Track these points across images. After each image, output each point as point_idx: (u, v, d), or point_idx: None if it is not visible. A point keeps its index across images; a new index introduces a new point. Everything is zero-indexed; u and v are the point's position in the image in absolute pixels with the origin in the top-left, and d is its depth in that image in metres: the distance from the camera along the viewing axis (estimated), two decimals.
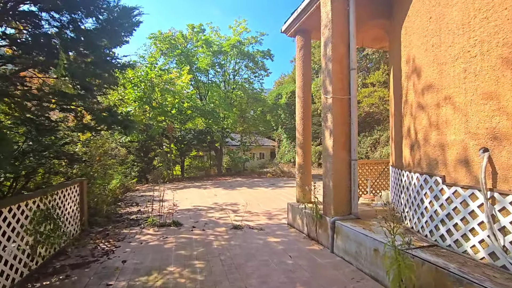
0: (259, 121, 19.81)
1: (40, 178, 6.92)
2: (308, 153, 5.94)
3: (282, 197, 9.08)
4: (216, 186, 12.29)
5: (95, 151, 9.13)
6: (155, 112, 13.37)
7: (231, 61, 18.73)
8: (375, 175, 6.82)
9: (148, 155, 15.03)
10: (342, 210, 4.30)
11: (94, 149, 9.16)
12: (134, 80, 12.96)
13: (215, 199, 8.90)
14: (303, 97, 5.93)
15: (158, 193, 8.95)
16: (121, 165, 12.30)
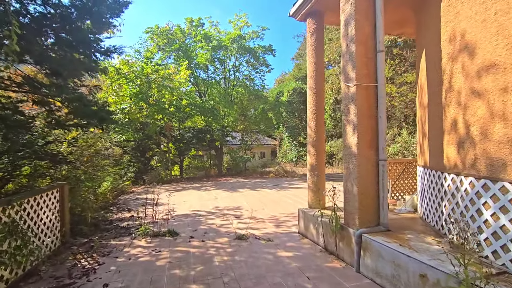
0: (260, 119, 19.07)
1: (26, 181, 6.23)
2: (321, 152, 5.22)
3: (289, 199, 8.37)
4: (217, 187, 11.58)
5: (85, 150, 8.42)
6: (152, 109, 12.65)
7: (232, 56, 18.00)
8: (393, 176, 6.12)
9: (145, 155, 14.32)
10: (369, 220, 3.59)
11: (84, 148, 8.45)
12: (130, 76, 12.22)
13: (216, 203, 8.19)
14: (315, 89, 5.20)
15: (154, 196, 8.28)
16: (115, 166, 11.60)
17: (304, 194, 9.17)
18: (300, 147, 29.83)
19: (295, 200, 8.21)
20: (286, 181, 13.51)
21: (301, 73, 40.44)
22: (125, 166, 13.70)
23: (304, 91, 30.01)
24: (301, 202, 7.81)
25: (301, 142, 29.61)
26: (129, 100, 12.23)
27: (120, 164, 11.98)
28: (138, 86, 12.10)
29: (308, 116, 5.34)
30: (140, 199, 9.25)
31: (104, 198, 7.40)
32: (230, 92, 17.46)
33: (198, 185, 12.48)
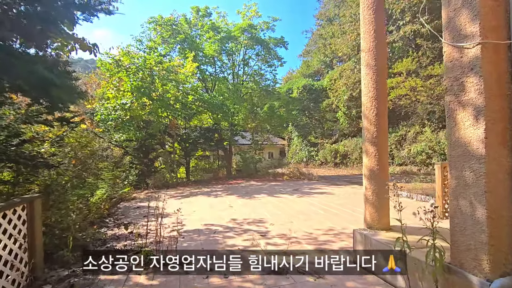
0: (271, 117, 17.69)
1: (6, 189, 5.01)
2: (384, 152, 3.88)
3: (318, 209, 7.00)
4: (229, 192, 10.24)
5: (79, 151, 7.15)
6: (155, 105, 11.37)
7: (241, 49, 16.66)
8: None
9: (149, 156, 13.05)
10: (504, 263, 2.22)
11: (78, 149, 7.19)
12: (131, 68, 10.96)
13: (232, 213, 6.85)
14: (376, 66, 3.84)
15: (158, 203, 7.01)
16: (115, 168, 10.34)
17: (333, 201, 7.80)
18: (311, 146, 28.41)
19: (326, 211, 6.84)
20: (305, 184, 12.13)
21: (310, 70, 39.04)
22: (127, 169, 12.45)
23: (314, 88, 28.60)
24: (336, 214, 6.44)
25: (312, 141, 28.20)
26: (130, 95, 10.96)
27: (120, 166, 10.71)
28: (140, 80, 10.83)
29: (364, 103, 3.98)
30: (143, 207, 7.95)
31: (98, 209, 6.10)
32: (239, 88, 16.14)
33: (207, 190, 11.16)
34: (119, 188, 8.89)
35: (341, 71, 23.14)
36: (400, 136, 19.71)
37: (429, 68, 15.85)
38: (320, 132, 28.28)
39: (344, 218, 6.02)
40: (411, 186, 9.98)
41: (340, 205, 7.46)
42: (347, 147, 23.94)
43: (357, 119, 23.68)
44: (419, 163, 17.78)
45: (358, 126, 23.43)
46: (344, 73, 22.46)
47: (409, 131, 19.34)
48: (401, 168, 18.50)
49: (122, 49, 10.99)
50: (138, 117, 11.21)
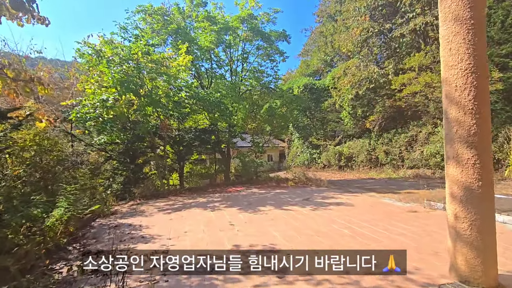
0: (272, 117, 16.20)
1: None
2: (489, 159, 2.39)
3: (342, 227, 5.52)
4: (228, 203, 8.73)
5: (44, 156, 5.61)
6: (143, 102, 9.84)
7: (239, 44, 15.22)
8: None
9: (136, 161, 11.48)
10: None
11: (40, 153, 5.64)
12: (114, 60, 9.43)
13: (234, 235, 5.34)
14: (471, 19, 2.39)
15: (142, 220, 5.56)
16: (94, 177, 8.78)
17: (356, 216, 6.32)
18: (313, 148, 26.98)
19: (353, 231, 5.37)
20: (314, 192, 10.66)
21: (309, 69, 37.74)
22: (110, 176, 10.88)
23: (316, 88, 27.23)
24: (369, 237, 4.96)
25: (314, 143, 26.78)
26: (113, 91, 9.43)
27: (98, 174, 9.14)
28: (123, 73, 9.31)
29: (447, 80, 2.53)
30: (122, 226, 6.41)
31: (54, 235, 4.56)
32: (238, 85, 14.67)
33: (203, 200, 9.63)
34: (94, 201, 7.33)
35: (345, 68, 21.81)
36: (411, 137, 18.37)
37: None
38: (322, 134, 26.88)
39: (385, 245, 4.55)
40: None
41: (366, 221, 6.00)
42: (352, 149, 22.57)
43: (362, 119, 22.34)
44: (433, 166, 16.44)
45: (364, 126, 22.09)
46: (348, 71, 21.13)
47: (420, 131, 18.01)
48: (413, 171, 17.13)
49: (104, 38, 9.50)
50: (122, 116, 9.67)
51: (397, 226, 5.60)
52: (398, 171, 18.09)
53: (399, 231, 5.26)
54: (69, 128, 10.74)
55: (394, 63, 18.82)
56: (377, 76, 19.18)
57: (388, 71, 18.76)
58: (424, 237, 4.98)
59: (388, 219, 6.18)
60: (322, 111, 27.43)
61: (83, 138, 11.16)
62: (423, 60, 15.12)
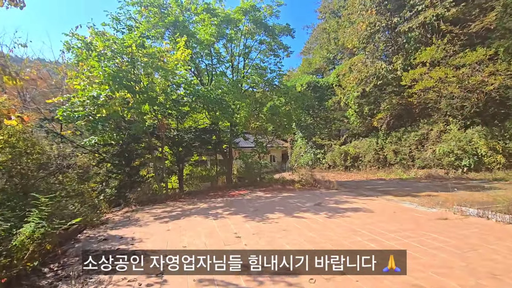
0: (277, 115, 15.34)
1: None
2: None
3: (367, 240, 4.70)
4: (232, 210, 7.91)
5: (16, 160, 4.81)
6: (138, 99, 9.03)
7: (241, 39, 14.41)
8: None
9: (132, 163, 10.66)
10: None
11: (18, 156, 4.84)
12: (106, 53, 8.62)
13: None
14: None
15: (136, 231, 4.78)
16: (83, 182, 7.97)
17: (380, 225, 5.44)
18: (317, 148, 26.15)
19: (381, 244, 4.55)
20: (324, 195, 9.83)
21: (312, 67, 36.91)
22: (103, 180, 10.07)
23: (320, 86, 26.40)
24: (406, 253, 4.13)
25: (318, 143, 25.95)
26: (105, 87, 8.62)
27: (86, 179, 8.32)
28: (116, 66, 8.50)
29: None
30: (112, 239, 5.59)
31: (24, 256, 3.74)
32: (240, 81, 13.86)
33: (204, 206, 8.81)
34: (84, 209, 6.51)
35: (350, 64, 21.00)
36: (421, 135, 17.54)
37: (460, 56, 13.73)
38: (326, 133, 26.03)
39: (424, 263, 3.73)
40: (490, 199, 7.58)
41: (393, 232, 5.18)
42: (359, 148, 21.74)
43: (369, 117, 21.51)
44: (446, 165, 15.59)
45: (371, 125, 21.26)
46: (354, 67, 20.32)
47: (431, 130, 17.18)
48: (424, 172, 16.28)
49: (94, 29, 8.69)
50: (115, 115, 8.86)
51: (431, 237, 4.78)
52: (408, 171, 17.24)
53: (437, 245, 4.43)
54: (59, 129, 9.95)
55: (403, 59, 18.00)
56: (385, 72, 18.36)
57: (396, 66, 17.95)
58: (469, 252, 4.16)
59: (418, 228, 5.35)
60: (326, 110, 26.61)
61: (75, 139, 10.35)
62: (435, 54, 14.29)
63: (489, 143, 13.92)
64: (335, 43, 29.79)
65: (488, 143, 13.95)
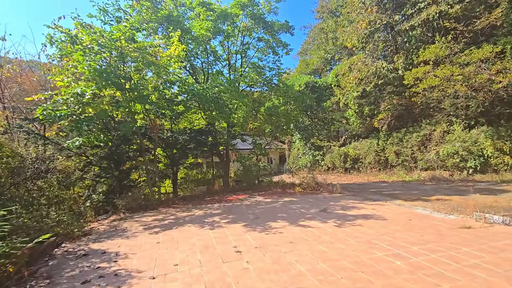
0: (275, 116, 14.71)
1: None
2: None
3: (391, 257, 4.06)
4: (231, 218, 7.21)
5: None
6: (127, 97, 8.32)
7: (239, 34, 13.79)
8: None
9: (121, 166, 9.91)
10: None
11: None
12: (92, 47, 7.90)
13: (243, 272, 3.83)
14: None
15: (122, 244, 4.18)
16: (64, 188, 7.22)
17: (398, 236, 4.71)
18: (316, 150, 25.56)
19: (406, 260, 3.90)
20: (328, 200, 9.19)
21: (309, 68, 36.42)
22: (91, 184, 9.32)
23: (318, 86, 25.87)
24: (428, 269, 3.51)
25: (317, 144, 25.36)
26: (91, 85, 7.89)
27: (68, 185, 7.55)
28: (102, 61, 7.79)
29: None
30: (93, 254, 4.87)
31: None
32: (238, 80, 13.21)
33: (200, 213, 8.10)
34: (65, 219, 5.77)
35: (350, 64, 20.48)
36: (424, 136, 17.03)
37: (465, 53, 13.26)
38: (325, 134, 25.47)
39: (462, 286, 3.09)
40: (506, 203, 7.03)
41: (416, 244, 4.54)
42: (359, 149, 21.19)
43: (369, 118, 21.00)
44: (450, 167, 15.08)
45: (371, 126, 20.75)
46: (354, 67, 19.79)
47: (434, 130, 16.68)
48: (428, 173, 15.75)
49: (78, 20, 7.97)
50: (102, 115, 8.12)
51: (462, 252, 4.15)
52: (411, 173, 16.71)
53: (471, 262, 3.80)
54: (42, 129, 9.18)
55: (404, 58, 17.53)
56: (386, 71, 17.87)
57: (398, 65, 17.46)
58: (511, 270, 3.54)
59: (442, 239, 4.73)
60: (324, 111, 26.08)
61: (60, 141, 9.57)
62: (439, 52, 13.80)
63: (495, 143, 13.44)
64: (333, 43, 29.35)
65: (494, 143, 13.47)
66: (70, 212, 7.63)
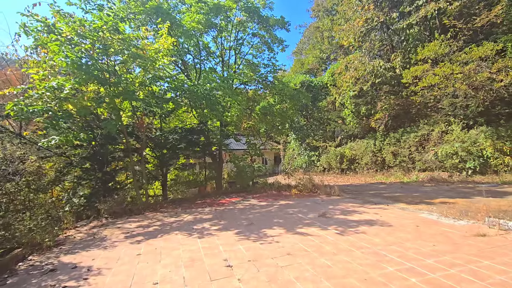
0: (271, 115, 14.15)
1: None
2: None
3: (401, 269, 3.53)
4: (222, 224, 6.62)
5: None
6: (110, 92, 7.66)
7: (233, 30, 13.21)
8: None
9: (106, 168, 9.22)
10: None
11: None
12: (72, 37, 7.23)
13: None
14: None
15: (97, 256, 3.59)
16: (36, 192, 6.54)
17: (408, 246, 4.08)
18: (311, 150, 25.09)
19: (424, 277, 3.38)
20: (327, 203, 8.67)
21: (304, 68, 36.01)
22: (72, 187, 8.62)
23: (314, 85, 25.43)
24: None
25: (312, 144, 24.90)
26: (68, 80, 7.21)
27: (39, 188, 6.86)
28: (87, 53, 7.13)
29: None
30: (62, 269, 4.23)
31: None
32: (232, 77, 12.62)
33: (189, 218, 7.49)
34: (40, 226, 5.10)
35: (347, 62, 20.07)
36: (422, 136, 16.68)
37: (465, 51, 12.92)
38: (321, 134, 25.03)
39: None
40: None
41: (430, 256, 4.03)
42: (355, 150, 20.78)
43: (366, 117, 20.62)
44: (449, 168, 14.74)
45: (368, 126, 20.36)
46: (351, 65, 19.38)
47: (432, 130, 16.34)
48: (426, 174, 15.39)
49: (56, 8, 7.29)
50: (84, 111, 7.44)
51: (484, 266, 3.64)
52: (409, 174, 16.34)
53: (498, 278, 3.29)
54: (17, 127, 8.44)
55: (401, 56, 17.18)
56: (383, 70, 17.50)
57: (395, 64, 17.10)
58: None
59: (457, 250, 4.22)
60: (320, 111, 25.65)
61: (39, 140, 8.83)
62: (438, 50, 13.44)
63: (495, 144, 13.13)
64: (328, 42, 28.98)
65: (494, 144, 13.16)
66: (48, 218, 6.96)
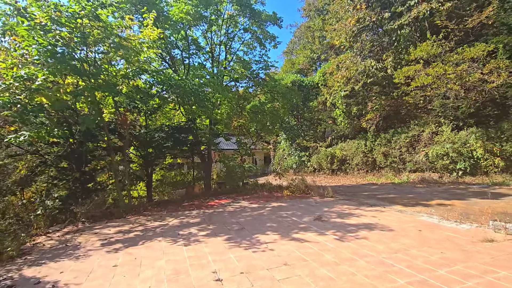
0: (262, 114, 13.71)
1: None
2: None
3: (413, 283, 3.13)
4: (210, 229, 6.10)
5: None
6: (91, 84, 7.00)
7: (223, 25, 12.69)
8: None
9: (84, 167, 8.50)
10: None
11: None
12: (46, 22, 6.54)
13: None
14: None
15: (66, 268, 3.18)
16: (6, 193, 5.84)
17: (413, 254, 3.67)
18: (302, 151, 24.82)
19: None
20: (321, 205, 8.29)
21: (295, 68, 35.78)
22: (45, 188, 7.88)
23: (305, 85, 25.19)
24: None
25: (303, 145, 24.63)
26: (42, 67, 6.53)
27: (3, 191, 6.15)
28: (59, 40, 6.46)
29: None
30: (23, 285, 3.61)
31: None
32: (222, 73, 12.09)
33: (175, 222, 6.92)
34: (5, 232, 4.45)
35: (338, 62, 19.89)
36: (412, 137, 16.63)
37: (457, 51, 12.88)
38: (311, 135, 24.80)
39: None
40: None
41: (440, 266, 3.67)
42: (346, 150, 20.62)
43: (357, 118, 20.49)
44: (440, 169, 14.71)
45: (359, 126, 20.24)
46: (342, 65, 19.20)
47: (423, 131, 16.32)
48: (417, 175, 15.33)
49: None
50: (59, 105, 6.76)
51: (500, 277, 3.30)
52: (399, 175, 16.27)
53: None
54: None
55: (393, 57, 17.10)
56: (375, 70, 17.38)
57: (387, 64, 17.00)
58: None
59: (467, 258, 3.88)
60: (310, 111, 25.43)
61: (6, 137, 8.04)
62: (431, 50, 13.37)
63: (486, 145, 13.15)
64: (319, 42, 28.84)
65: (484, 145, 13.18)
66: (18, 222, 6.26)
